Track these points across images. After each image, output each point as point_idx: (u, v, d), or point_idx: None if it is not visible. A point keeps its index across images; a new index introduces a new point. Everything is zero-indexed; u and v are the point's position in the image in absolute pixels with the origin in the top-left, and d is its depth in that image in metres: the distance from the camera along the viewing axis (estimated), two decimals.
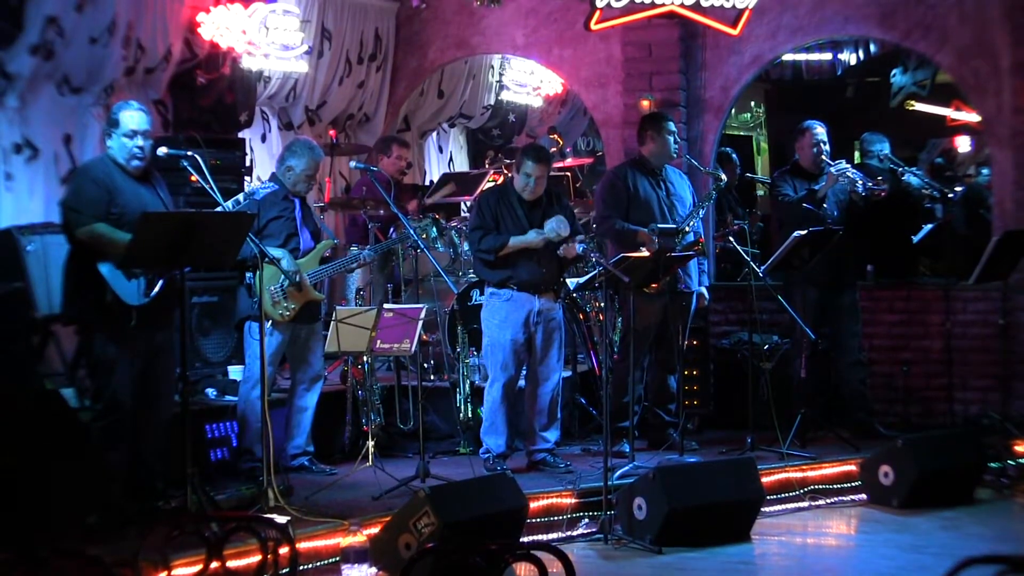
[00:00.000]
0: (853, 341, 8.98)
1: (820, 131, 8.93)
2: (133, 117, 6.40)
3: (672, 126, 8.51)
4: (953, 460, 7.92)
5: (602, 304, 8.24)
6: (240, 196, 6.84)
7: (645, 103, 9.85)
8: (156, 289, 6.19)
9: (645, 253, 7.78)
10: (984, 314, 9.34)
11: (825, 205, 8.74)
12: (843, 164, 8.78)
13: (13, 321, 7.14)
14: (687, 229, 8.28)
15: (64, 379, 7.37)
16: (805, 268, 8.47)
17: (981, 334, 9.34)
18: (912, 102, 14.04)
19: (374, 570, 6.32)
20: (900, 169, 10.06)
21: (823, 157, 8.84)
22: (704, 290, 8.55)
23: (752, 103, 15.68)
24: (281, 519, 5.75)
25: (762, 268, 8.31)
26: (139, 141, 6.39)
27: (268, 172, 8.69)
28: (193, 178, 6.50)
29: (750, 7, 9.51)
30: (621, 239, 8.28)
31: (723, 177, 8.86)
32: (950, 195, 10.64)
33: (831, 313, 8.86)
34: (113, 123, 6.41)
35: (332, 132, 10.43)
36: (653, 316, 8.20)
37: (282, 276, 7.12)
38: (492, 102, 13.22)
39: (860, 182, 8.69)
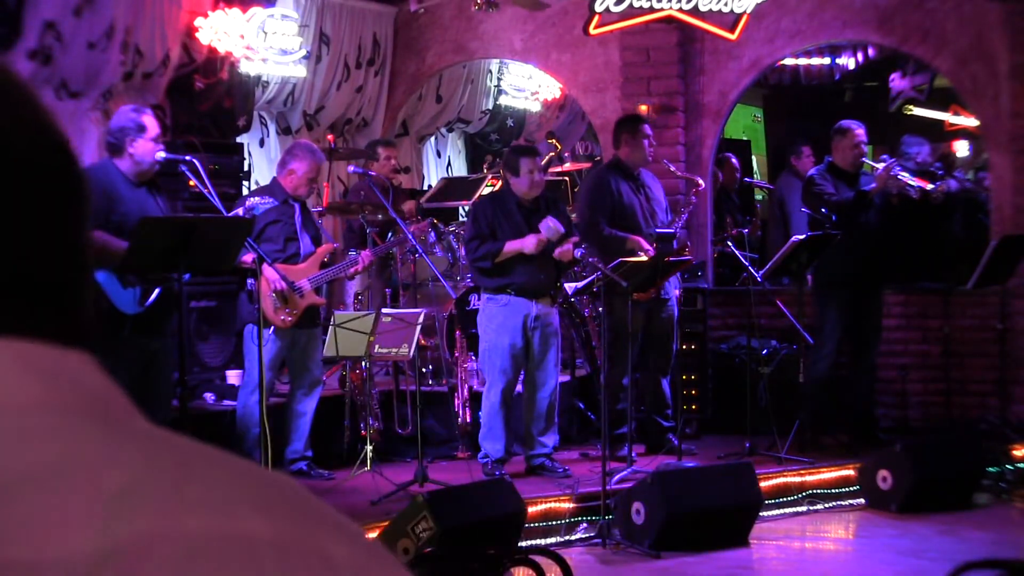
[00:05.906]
0: (872, 347, 8.88)
1: (860, 132, 8.78)
2: (154, 122, 6.41)
3: (647, 129, 8.48)
4: (951, 465, 7.91)
5: (601, 309, 8.24)
6: (239, 211, 6.83)
7: (643, 108, 9.86)
8: (152, 298, 6.18)
9: (644, 258, 7.78)
10: (982, 319, 9.33)
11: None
12: (893, 166, 8.63)
13: None
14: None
15: None
16: (803, 273, 8.46)
17: (979, 339, 9.32)
18: (910, 107, 14.04)
19: None
20: (939, 174, 9.99)
21: (864, 159, 8.78)
22: (675, 292, 8.51)
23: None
24: None
25: (760, 272, 8.31)
26: (159, 146, 6.41)
27: (266, 177, 8.69)
28: (191, 183, 6.50)
29: (748, 12, 9.51)
30: (609, 246, 8.12)
31: (701, 183, 8.85)
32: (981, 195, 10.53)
33: (862, 314, 8.76)
34: (140, 128, 6.35)
35: (330, 137, 10.41)
36: (637, 321, 8.17)
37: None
38: (490, 107, 13.22)
39: (914, 185, 8.56)
